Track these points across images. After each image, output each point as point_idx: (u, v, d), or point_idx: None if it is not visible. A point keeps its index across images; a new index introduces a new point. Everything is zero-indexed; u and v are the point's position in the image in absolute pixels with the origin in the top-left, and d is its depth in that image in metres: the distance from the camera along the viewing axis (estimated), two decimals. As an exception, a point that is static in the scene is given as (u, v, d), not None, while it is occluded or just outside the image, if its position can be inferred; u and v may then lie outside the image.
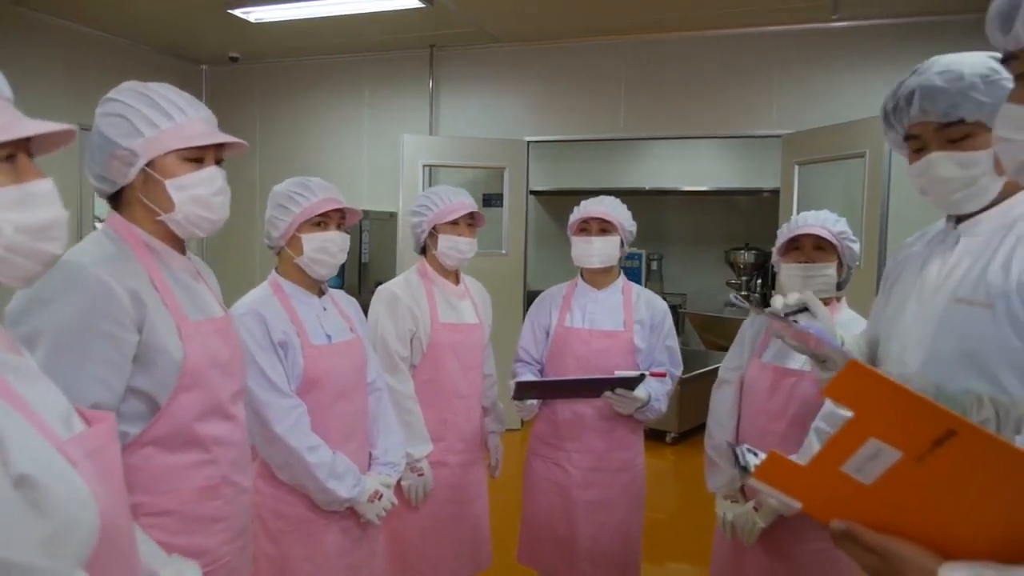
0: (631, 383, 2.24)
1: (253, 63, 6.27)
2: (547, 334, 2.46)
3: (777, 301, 1.65)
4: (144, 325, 1.32)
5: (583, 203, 2.46)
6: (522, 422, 5.47)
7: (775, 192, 5.48)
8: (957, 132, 1.29)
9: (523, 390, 2.29)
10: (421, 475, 2.27)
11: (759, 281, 7.21)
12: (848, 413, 1.96)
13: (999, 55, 1.30)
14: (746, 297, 7.15)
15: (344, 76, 6.07)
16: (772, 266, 7.62)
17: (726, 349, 2.22)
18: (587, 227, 2.41)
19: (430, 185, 5.53)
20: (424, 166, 5.44)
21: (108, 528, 0.74)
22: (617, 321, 2.38)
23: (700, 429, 5.40)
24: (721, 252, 7.31)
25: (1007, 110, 0.95)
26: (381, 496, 1.96)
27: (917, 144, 1.36)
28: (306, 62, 6.15)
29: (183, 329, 1.38)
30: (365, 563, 2.00)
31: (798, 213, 2.15)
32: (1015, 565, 0.77)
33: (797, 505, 0.89)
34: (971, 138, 1.28)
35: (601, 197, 2.44)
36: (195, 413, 1.39)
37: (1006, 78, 1.25)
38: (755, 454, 1.22)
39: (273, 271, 1.99)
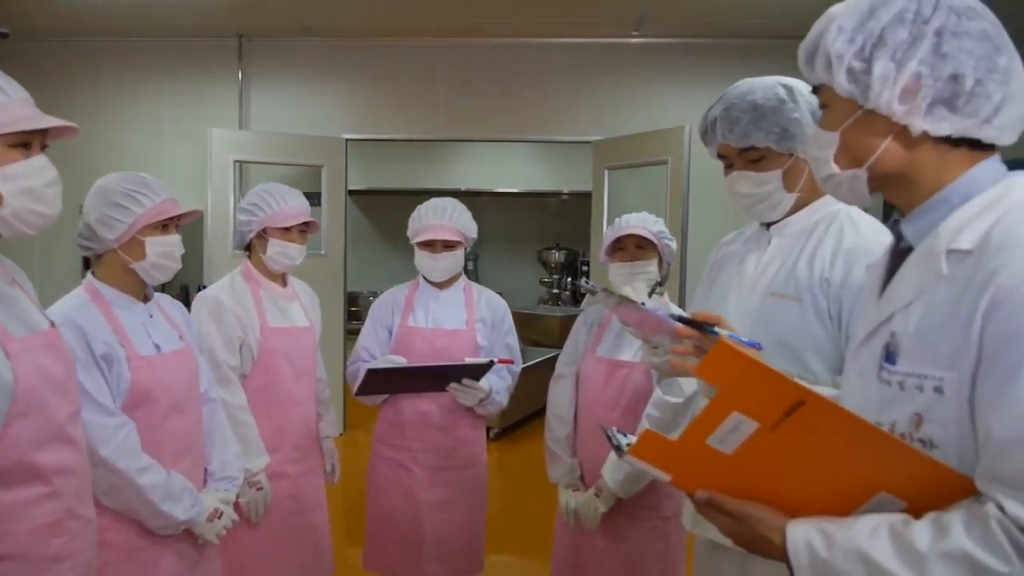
0: (480, 370, 2.29)
1: (28, 41, 5.51)
2: (390, 333, 2.44)
3: (626, 290, 1.84)
4: None
5: (425, 214, 2.37)
6: (344, 427, 5.36)
7: (581, 195, 5.81)
8: (753, 155, 1.50)
9: (372, 380, 2.24)
10: (260, 490, 2.16)
11: (569, 279, 7.62)
12: (676, 400, 2.14)
13: (789, 81, 1.53)
14: (557, 295, 7.55)
15: (140, 62, 5.54)
16: (581, 264, 8.02)
17: (542, 345, 2.35)
18: (432, 244, 2.37)
19: (241, 182, 5.24)
20: (235, 162, 5.14)
21: None
22: (460, 320, 2.41)
23: (521, 424, 5.63)
24: (534, 251, 7.65)
25: (816, 133, 1.09)
26: (221, 514, 1.84)
27: (726, 162, 1.57)
28: (95, 44, 5.54)
29: (9, 347, 1.21)
30: (203, 586, 1.87)
31: (608, 216, 2.34)
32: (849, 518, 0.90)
33: (667, 478, 0.97)
34: (766, 159, 1.50)
35: (444, 205, 2.36)
36: (33, 441, 1.23)
37: (790, 107, 1.47)
38: (624, 434, 1.33)
39: (89, 275, 1.79)
